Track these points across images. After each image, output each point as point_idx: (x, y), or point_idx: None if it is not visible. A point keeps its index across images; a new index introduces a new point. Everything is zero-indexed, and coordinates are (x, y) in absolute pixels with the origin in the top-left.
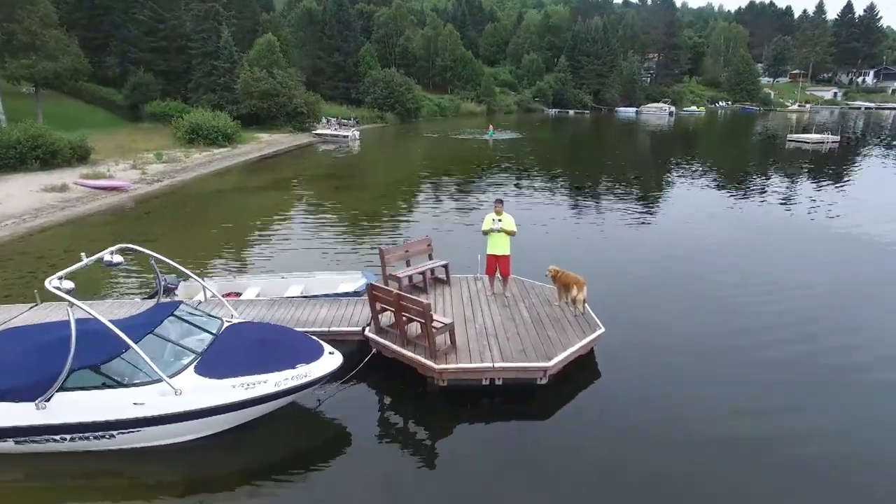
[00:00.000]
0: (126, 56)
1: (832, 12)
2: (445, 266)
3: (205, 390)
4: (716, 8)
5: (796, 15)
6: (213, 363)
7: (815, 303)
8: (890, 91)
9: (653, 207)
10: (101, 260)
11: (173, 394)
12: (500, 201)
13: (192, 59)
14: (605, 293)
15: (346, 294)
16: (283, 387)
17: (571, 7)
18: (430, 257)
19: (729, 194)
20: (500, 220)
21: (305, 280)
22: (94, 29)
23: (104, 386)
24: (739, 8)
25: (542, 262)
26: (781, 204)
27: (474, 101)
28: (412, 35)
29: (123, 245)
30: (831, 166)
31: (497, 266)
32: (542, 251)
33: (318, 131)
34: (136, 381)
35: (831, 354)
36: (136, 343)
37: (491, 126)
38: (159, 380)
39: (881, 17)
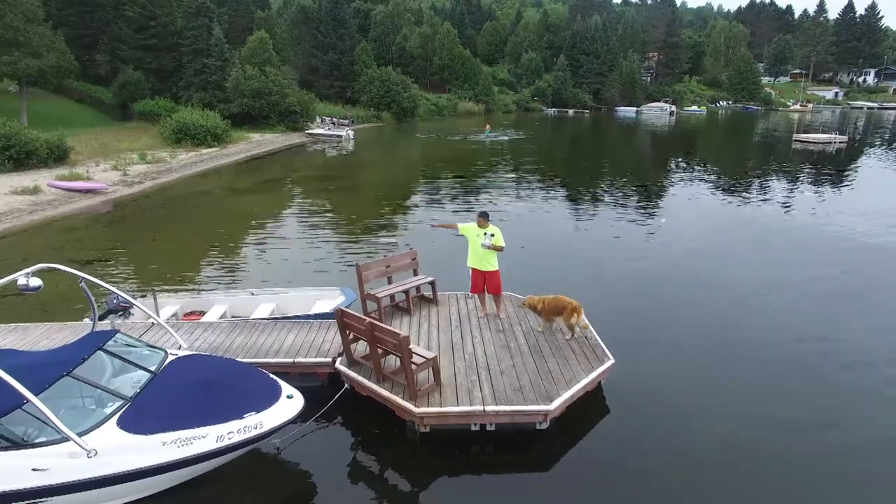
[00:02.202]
0: (116, 54)
1: (833, 11)
2: (432, 283)
3: (127, 449)
4: (715, 7)
5: (797, 14)
6: (144, 412)
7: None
8: (891, 91)
9: (658, 213)
10: (15, 283)
11: (85, 455)
12: (485, 215)
13: (182, 57)
14: (612, 312)
15: (320, 316)
16: (225, 442)
17: (570, 5)
18: (416, 272)
19: (737, 197)
20: (491, 235)
21: (278, 297)
22: (84, 26)
23: None
24: (739, 7)
25: (541, 274)
26: (797, 208)
27: (472, 100)
28: (409, 33)
29: (44, 265)
30: (842, 167)
31: (485, 283)
32: (542, 262)
33: (312, 131)
34: (38, 441)
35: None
36: (45, 388)
37: (488, 126)
38: (67, 438)
39: (882, 17)
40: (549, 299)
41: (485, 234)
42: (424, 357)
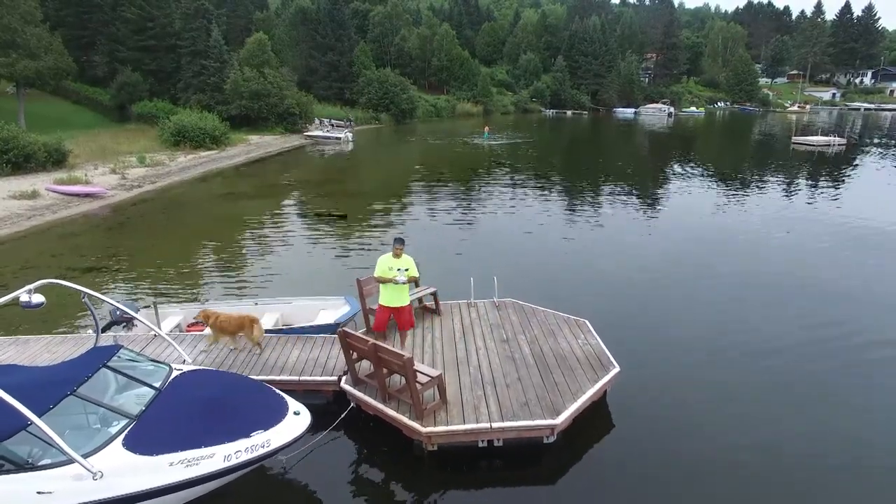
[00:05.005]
0: (114, 55)
1: (830, 13)
2: (434, 293)
3: (133, 471)
4: (713, 8)
5: (794, 15)
6: (149, 432)
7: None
8: (888, 92)
9: (660, 217)
10: (17, 301)
11: (91, 478)
12: (401, 241)
13: (181, 59)
14: (615, 317)
15: (325, 328)
16: (233, 461)
17: (569, 6)
18: (417, 284)
19: (739, 200)
20: (406, 270)
21: (282, 307)
22: (82, 27)
23: (1, 470)
24: (737, 8)
25: (543, 279)
26: (799, 211)
27: (471, 101)
28: (408, 34)
29: (46, 281)
30: (842, 169)
31: (393, 318)
32: (543, 267)
33: (310, 133)
34: (43, 463)
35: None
36: (49, 409)
37: (487, 128)
38: (72, 460)
39: (879, 18)
40: (225, 317)
41: (398, 269)
42: (429, 376)
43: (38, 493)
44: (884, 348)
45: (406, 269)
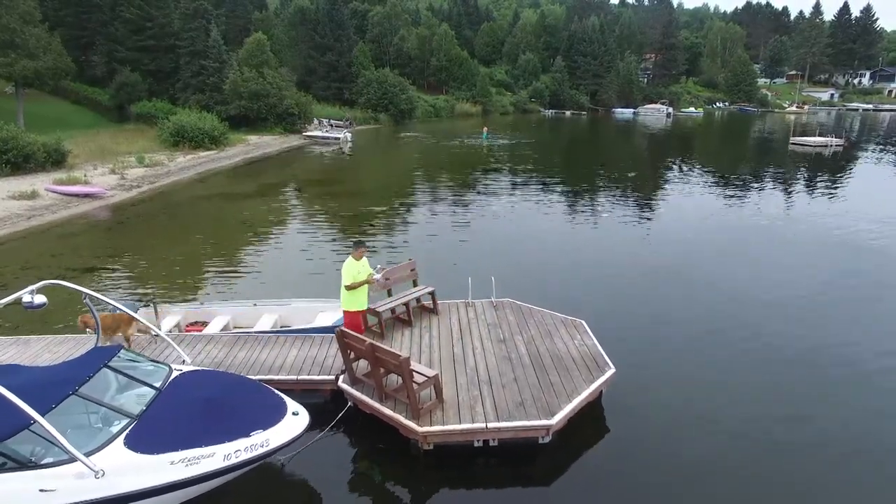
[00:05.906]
0: (112, 55)
1: (829, 13)
2: (432, 293)
3: (135, 470)
4: (712, 8)
5: (793, 16)
6: (150, 431)
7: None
8: (886, 92)
9: (658, 218)
10: (20, 302)
11: (93, 476)
12: (362, 243)
13: (180, 59)
14: (612, 318)
15: (323, 330)
16: (233, 461)
17: (568, 6)
18: (415, 283)
19: (736, 200)
20: (381, 270)
21: (280, 308)
22: (81, 27)
23: (4, 469)
24: (736, 8)
25: (541, 279)
26: (797, 211)
27: (470, 101)
28: (407, 34)
29: (48, 282)
30: (840, 170)
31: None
32: (540, 268)
33: (309, 133)
34: (46, 461)
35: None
36: (52, 408)
37: (485, 128)
38: (74, 459)
39: (877, 19)
40: (104, 316)
41: (377, 268)
42: (426, 376)
43: (41, 490)
44: (883, 349)
45: (381, 270)
